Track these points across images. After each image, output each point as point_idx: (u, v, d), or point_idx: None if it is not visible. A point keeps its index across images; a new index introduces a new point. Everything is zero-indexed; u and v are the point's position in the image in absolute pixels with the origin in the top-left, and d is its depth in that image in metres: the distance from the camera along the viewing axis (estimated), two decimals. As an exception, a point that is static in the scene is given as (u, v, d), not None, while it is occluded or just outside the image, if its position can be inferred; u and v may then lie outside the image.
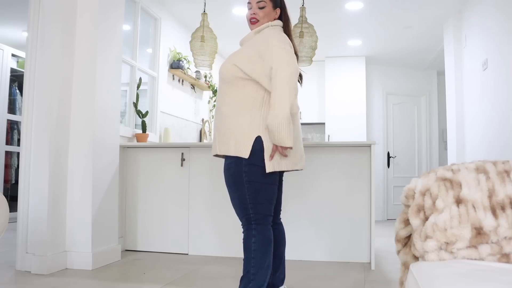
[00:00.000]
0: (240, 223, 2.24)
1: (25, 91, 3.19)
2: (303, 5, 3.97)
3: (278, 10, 2.35)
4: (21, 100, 5.79)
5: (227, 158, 2.22)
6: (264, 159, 2.12)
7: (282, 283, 2.42)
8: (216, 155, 2.34)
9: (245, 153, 2.11)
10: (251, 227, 2.15)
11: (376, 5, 4.91)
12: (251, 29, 2.35)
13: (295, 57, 2.21)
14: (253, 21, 2.31)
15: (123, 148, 3.91)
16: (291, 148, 2.11)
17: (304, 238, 3.60)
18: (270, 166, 2.12)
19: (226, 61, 2.28)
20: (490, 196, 1.49)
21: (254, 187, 2.14)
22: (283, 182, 2.53)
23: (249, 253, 2.14)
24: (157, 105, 4.85)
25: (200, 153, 3.82)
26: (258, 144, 2.12)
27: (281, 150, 2.10)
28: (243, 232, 2.20)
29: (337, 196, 3.60)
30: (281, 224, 2.45)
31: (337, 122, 6.98)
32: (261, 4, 2.29)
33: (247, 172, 2.13)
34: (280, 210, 2.47)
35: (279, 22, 2.34)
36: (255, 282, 2.10)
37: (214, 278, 2.98)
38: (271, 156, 2.11)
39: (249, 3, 2.34)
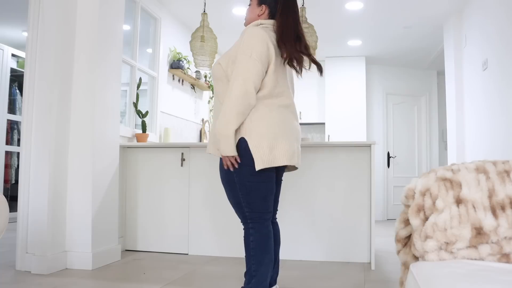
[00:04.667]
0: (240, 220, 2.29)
1: (25, 91, 3.19)
2: (303, 5, 3.97)
3: (264, 7, 2.24)
4: (21, 100, 5.79)
5: (220, 158, 2.26)
6: (251, 159, 2.11)
7: (275, 282, 2.43)
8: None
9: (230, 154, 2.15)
10: (248, 225, 2.20)
11: (376, 5, 4.91)
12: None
13: (257, 68, 2.10)
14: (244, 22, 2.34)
15: (123, 148, 3.91)
16: (232, 156, 2.11)
17: (304, 238, 3.60)
18: (260, 163, 2.09)
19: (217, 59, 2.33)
20: (490, 196, 1.49)
21: (245, 187, 2.15)
22: (282, 181, 2.52)
23: (249, 251, 2.18)
24: (157, 105, 4.85)
25: (200, 153, 3.82)
26: (242, 144, 2.12)
27: (226, 160, 2.12)
28: (243, 229, 2.26)
29: (337, 196, 3.59)
30: (276, 223, 2.44)
31: (337, 122, 6.98)
32: (249, 1, 2.29)
33: (237, 172, 2.15)
34: (277, 210, 2.45)
35: (264, 21, 2.23)
36: (257, 278, 2.13)
37: (214, 278, 2.98)
38: (225, 165, 2.14)
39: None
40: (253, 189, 2.15)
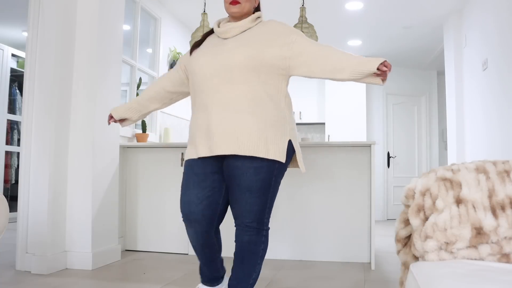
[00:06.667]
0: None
1: (25, 91, 3.19)
2: (303, 5, 3.97)
3: (257, 0, 2.15)
4: (21, 100, 5.79)
5: (253, 160, 1.93)
6: (292, 160, 2.11)
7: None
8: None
9: (283, 158, 1.97)
10: (262, 233, 2.01)
11: (376, 5, 4.91)
12: (231, 11, 2.07)
13: None
14: (233, 2, 2.05)
15: (123, 148, 3.91)
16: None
17: (304, 238, 3.60)
18: (303, 166, 2.12)
19: (235, 49, 1.99)
20: (490, 196, 1.49)
21: (275, 191, 2.04)
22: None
23: (255, 259, 2.03)
24: (157, 105, 4.85)
25: (200, 153, 3.82)
26: (290, 148, 2.03)
27: (388, 67, 1.86)
28: (246, 235, 2.01)
29: (337, 196, 3.59)
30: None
31: (337, 122, 6.98)
32: None
33: (277, 176, 2.00)
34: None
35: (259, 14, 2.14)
36: (253, 286, 2.08)
37: (214, 278, 2.98)
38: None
39: None
40: (276, 194, 2.07)
